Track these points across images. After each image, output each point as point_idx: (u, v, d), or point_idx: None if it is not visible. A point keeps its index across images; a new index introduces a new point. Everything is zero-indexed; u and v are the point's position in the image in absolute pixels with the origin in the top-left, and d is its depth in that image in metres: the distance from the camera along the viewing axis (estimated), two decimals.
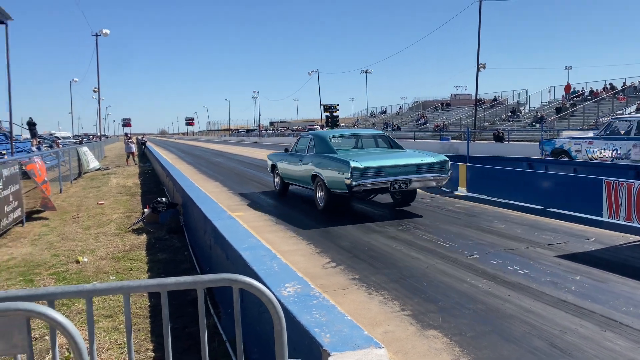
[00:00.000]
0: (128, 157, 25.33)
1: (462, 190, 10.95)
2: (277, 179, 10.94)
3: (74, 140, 49.79)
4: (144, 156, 30.69)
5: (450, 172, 8.37)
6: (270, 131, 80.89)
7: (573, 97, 38.87)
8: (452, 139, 32.61)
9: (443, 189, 10.81)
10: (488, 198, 10.04)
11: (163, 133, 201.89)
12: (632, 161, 11.23)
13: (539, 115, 37.04)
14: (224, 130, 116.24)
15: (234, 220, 4.81)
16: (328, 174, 8.24)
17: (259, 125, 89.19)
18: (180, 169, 13.50)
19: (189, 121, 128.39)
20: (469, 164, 11.29)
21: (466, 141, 16.82)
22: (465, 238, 6.77)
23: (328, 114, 23.22)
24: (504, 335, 3.70)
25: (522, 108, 43.71)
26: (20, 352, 1.59)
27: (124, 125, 71.52)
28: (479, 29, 28.86)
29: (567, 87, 39.88)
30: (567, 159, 12.92)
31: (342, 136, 9.73)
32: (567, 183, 8.27)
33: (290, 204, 9.83)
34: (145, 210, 9.01)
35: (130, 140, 26.53)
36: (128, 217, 9.63)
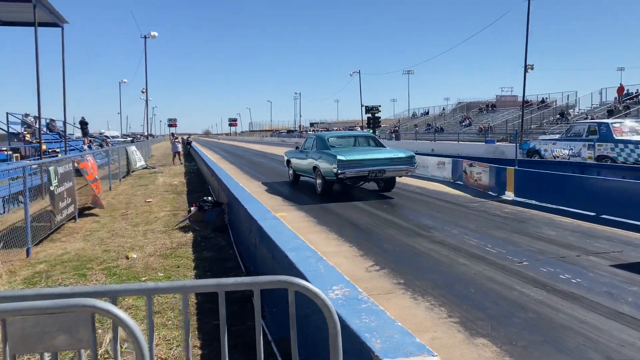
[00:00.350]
0: (174, 156, 25.86)
1: (509, 195, 10.76)
2: (290, 172, 13.43)
3: (122, 140, 51.18)
4: (190, 156, 30.97)
5: (416, 165, 10.41)
6: (311, 132, 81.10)
7: (626, 99, 37.36)
8: (498, 141, 31.89)
9: (489, 193, 11.29)
10: (537, 203, 9.79)
11: (207, 133, 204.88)
12: (583, 158, 13.76)
13: (589, 117, 35.79)
14: (266, 131, 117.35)
15: (278, 220, 4.82)
16: (323, 165, 10.52)
17: (300, 126, 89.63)
18: (224, 169, 13.51)
19: (232, 122, 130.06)
20: (516, 167, 11.02)
21: (513, 144, 16.47)
22: (514, 244, 6.61)
23: (370, 115, 23.13)
24: (557, 346, 3.59)
25: (571, 110, 42.34)
26: (84, 347, 1.64)
27: (170, 125, 73.25)
28: (527, 28, 28.12)
29: (620, 89, 38.35)
30: (538, 157, 15.44)
31: (338, 137, 11.97)
32: (622, 189, 8.10)
33: (332, 207, 9.80)
34: (192, 208, 9.09)
35: (177, 140, 27.07)
36: (175, 215, 9.71)
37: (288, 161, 13.69)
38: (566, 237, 6.97)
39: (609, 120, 13.97)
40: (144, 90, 38.54)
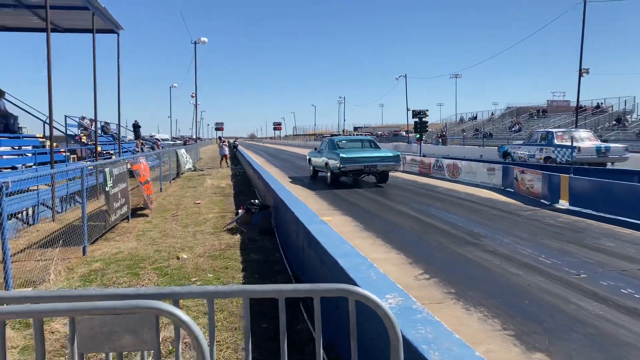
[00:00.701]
0: (222, 159, 26.22)
1: (563, 204, 10.49)
2: (310, 168, 17.01)
3: (172, 142, 52.03)
4: (235, 159, 31.32)
5: (400, 163, 14.46)
6: (355, 135, 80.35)
7: None
8: None
9: (542, 201, 11.22)
10: (593, 213, 9.49)
11: (252, 137, 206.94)
12: (537, 160, 17.01)
13: None
14: (309, 134, 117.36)
15: (326, 225, 4.76)
16: (331, 161, 14.08)
17: (343, 130, 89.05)
18: (270, 172, 13.62)
19: (277, 126, 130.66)
20: (571, 175, 10.61)
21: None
22: (570, 255, 6.39)
23: (416, 119, 22.63)
24: None
25: (628, 116, 40.55)
26: (149, 348, 1.66)
27: (217, 129, 74.84)
28: (582, 31, 27.10)
29: None
30: (510, 159, 19.02)
31: (346, 140, 15.51)
32: None
33: (379, 213, 9.70)
34: (239, 211, 9.12)
35: (224, 143, 27.30)
36: (222, 217, 9.80)
37: (309, 160, 17.25)
38: (626, 249, 6.71)
39: (554, 130, 17.47)
40: (194, 95, 39.39)
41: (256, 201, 9.08)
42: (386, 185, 14.48)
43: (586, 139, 16.70)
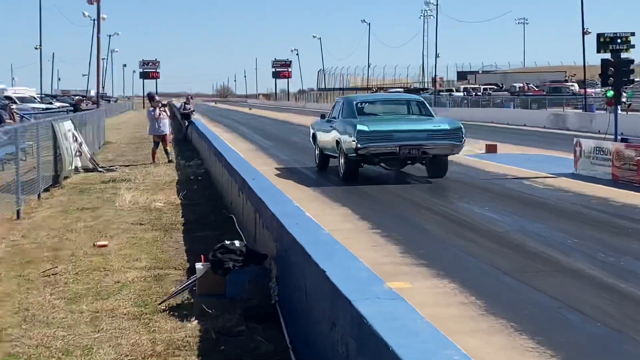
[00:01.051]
0: (157, 144, 23.46)
1: None
2: (317, 151, 17.64)
3: (44, 107, 49.64)
4: (187, 142, 30.30)
5: (464, 140, 14.32)
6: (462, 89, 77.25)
7: None
8: None
9: None
10: None
11: (223, 94, 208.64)
12: None
13: None
14: (358, 88, 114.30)
15: (400, 303, 4.48)
16: (344, 138, 14.13)
17: (436, 80, 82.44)
18: (265, 175, 12.77)
19: (282, 70, 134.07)
20: None
21: None
22: None
23: (610, 54, 16.69)
24: None
25: None
26: None
27: (145, 76, 72.38)
28: None
29: None
30: None
31: (373, 101, 16.23)
32: None
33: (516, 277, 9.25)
34: (198, 265, 8.41)
35: (161, 108, 24.45)
36: (158, 280, 9.29)
37: (314, 136, 17.53)
38: None
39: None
40: None
41: (235, 243, 8.40)
42: (534, 208, 13.83)
43: None
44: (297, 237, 6.44)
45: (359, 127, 13.86)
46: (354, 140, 13.80)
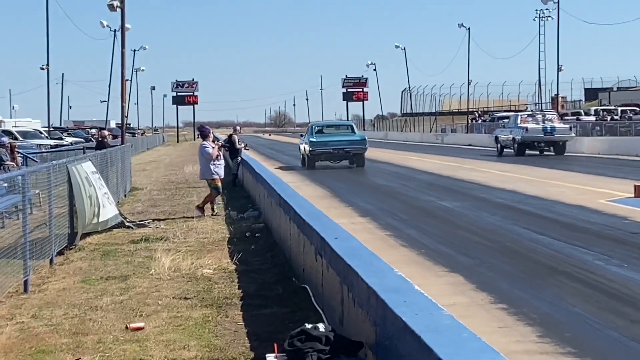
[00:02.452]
0: (217, 190, 23.39)
1: None
2: (301, 156, 41.69)
3: (54, 144, 49.58)
4: (240, 188, 30.66)
5: (367, 146, 39.39)
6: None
7: None
8: None
9: None
10: None
11: (279, 123, 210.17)
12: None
13: None
14: (456, 113, 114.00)
15: None
16: (306, 147, 39.31)
17: (557, 98, 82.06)
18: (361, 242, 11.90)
19: (355, 90, 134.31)
20: None
21: None
22: None
23: None
24: None
25: None
26: None
27: (181, 102, 72.87)
28: None
29: None
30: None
31: (324, 125, 43.32)
32: None
33: None
34: (269, 357, 8.52)
35: (217, 143, 24.45)
36: None
37: (298, 147, 39.21)
38: None
39: (519, 113, 44.15)
40: (115, 2, 37.06)
41: (319, 327, 8.50)
42: None
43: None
44: (409, 322, 6.16)
45: (311, 140, 32.73)
46: (309, 147, 32.72)
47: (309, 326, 8.14)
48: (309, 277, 12.61)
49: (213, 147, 23.74)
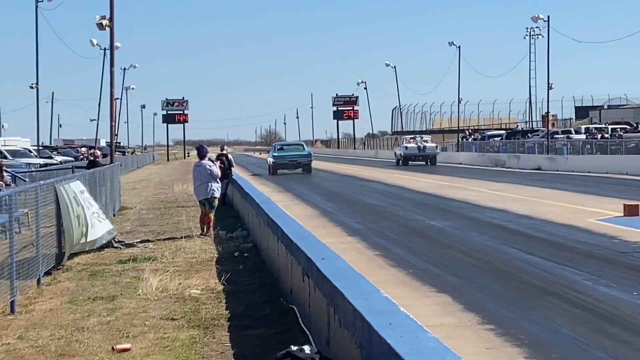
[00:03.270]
0: (210, 207, 23.28)
1: None
2: (268, 167, 63.64)
3: (42, 161, 49.32)
4: (229, 207, 30.45)
5: (312, 159, 63.21)
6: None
7: None
8: None
9: None
10: None
11: (270, 141, 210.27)
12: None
13: None
14: (447, 131, 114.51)
15: None
16: (270, 160, 63.96)
17: (547, 116, 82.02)
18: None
19: (345, 108, 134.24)
20: None
21: None
22: None
23: None
24: None
25: None
26: None
27: (171, 120, 72.48)
28: None
29: None
30: None
31: (283, 145, 70.92)
32: None
33: None
34: None
35: (221, 158, 25.09)
36: None
37: (267, 160, 63.41)
38: None
39: (405, 137, 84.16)
40: (104, 21, 36.65)
41: (305, 349, 8.67)
42: None
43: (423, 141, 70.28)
44: (394, 345, 6.14)
45: (274, 154, 57.54)
46: (273, 160, 56.86)
47: (294, 348, 8.04)
48: (296, 297, 12.51)
49: (213, 166, 23.92)
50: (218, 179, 23.70)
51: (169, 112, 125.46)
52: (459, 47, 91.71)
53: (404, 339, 6.30)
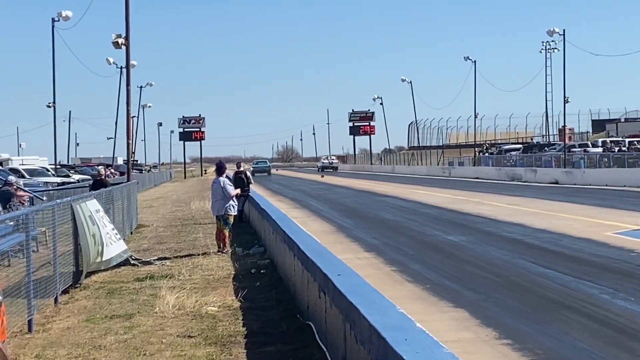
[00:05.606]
0: (225, 224, 23.15)
1: None
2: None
3: (60, 180, 49.11)
4: (245, 224, 30.45)
5: (270, 167, 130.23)
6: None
7: None
8: None
9: None
10: None
11: (286, 157, 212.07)
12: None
13: None
14: (463, 145, 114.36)
15: None
16: (251, 168, 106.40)
17: (564, 130, 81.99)
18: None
19: (362, 124, 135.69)
20: None
21: None
22: None
23: None
24: None
25: None
26: None
27: (188, 138, 73.18)
28: None
29: None
30: None
31: (258, 161, 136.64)
32: None
33: None
34: None
35: (243, 174, 25.64)
36: None
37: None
38: None
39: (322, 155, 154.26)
40: (120, 39, 36.61)
41: None
42: None
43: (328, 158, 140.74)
44: None
45: (253, 166, 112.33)
46: (252, 169, 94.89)
47: None
48: (313, 314, 12.46)
49: (231, 185, 24.22)
50: (234, 198, 23.69)
51: (185, 129, 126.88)
52: (475, 61, 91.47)
53: (419, 355, 6.34)
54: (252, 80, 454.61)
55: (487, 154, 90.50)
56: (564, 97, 69.04)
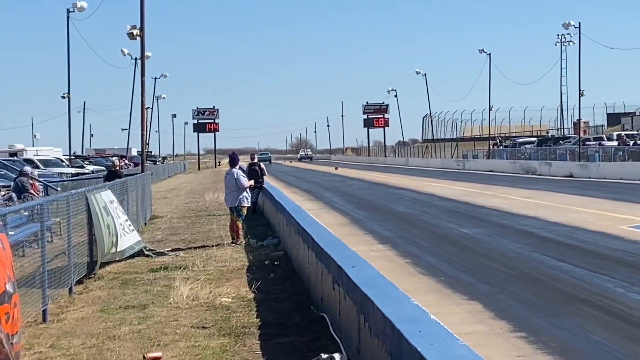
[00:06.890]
0: (238, 215, 23.14)
1: None
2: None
3: (74, 171, 49.25)
4: (259, 216, 30.36)
5: (270, 157, 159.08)
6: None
7: None
8: None
9: None
10: None
11: (300, 149, 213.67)
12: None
13: None
14: (477, 138, 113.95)
15: None
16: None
17: (578, 123, 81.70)
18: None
19: (376, 116, 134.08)
20: None
21: None
22: None
23: None
24: None
25: None
26: None
27: (202, 129, 73.08)
28: None
29: None
30: None
31: (262, 152, 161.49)
32: None
33: None
34: None
35: (257, 166, 25.95)
36: None
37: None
38: None
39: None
40: (135, 31, 36.45)
41: (335, 357, 8.82)
42: None
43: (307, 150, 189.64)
44: (424, 353, 6.21)
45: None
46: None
47: (325, 356, 8.00)
48: (327, 305, 12.49)
49: (244, 177, 24.15)
50: (247, 190, 23.61)
51: (199, 121, 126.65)
52: (490, 54, 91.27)
53: (434, 347, 6.35)
54: (266, 72, 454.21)
55: (501, 147, 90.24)
56: (579, 90, 68.81)
